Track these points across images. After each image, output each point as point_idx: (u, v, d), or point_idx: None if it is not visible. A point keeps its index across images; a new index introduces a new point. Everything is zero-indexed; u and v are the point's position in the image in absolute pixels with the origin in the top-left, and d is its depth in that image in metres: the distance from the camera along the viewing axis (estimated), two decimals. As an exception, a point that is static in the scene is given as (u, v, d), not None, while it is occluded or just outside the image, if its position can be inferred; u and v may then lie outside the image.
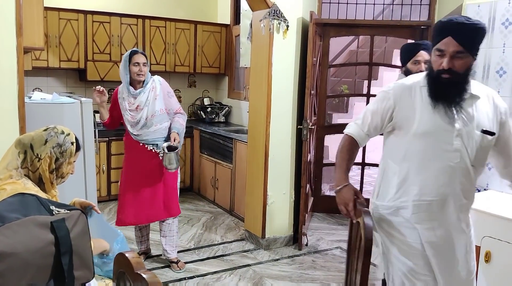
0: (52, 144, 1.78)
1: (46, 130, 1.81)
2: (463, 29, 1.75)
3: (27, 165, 1.74)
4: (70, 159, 1.85)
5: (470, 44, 1.76)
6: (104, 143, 5.02)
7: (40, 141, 1.77)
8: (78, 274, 1.57)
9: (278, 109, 3.87)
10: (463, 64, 1.77)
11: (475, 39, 1.77)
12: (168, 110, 3.43)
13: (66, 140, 1.82)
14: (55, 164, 1.79)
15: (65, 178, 1.89)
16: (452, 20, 1.77)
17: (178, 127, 3.43)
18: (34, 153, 1.75)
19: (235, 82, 5.98)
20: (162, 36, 5.53)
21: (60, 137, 1.81)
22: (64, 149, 1.81)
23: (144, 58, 3.35)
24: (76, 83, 5.43)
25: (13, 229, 1.44)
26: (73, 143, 1.85)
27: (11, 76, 2.63)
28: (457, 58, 1.75)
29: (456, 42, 1.74)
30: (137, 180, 3.44)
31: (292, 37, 3.86)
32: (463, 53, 1.75)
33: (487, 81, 2.82)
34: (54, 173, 1.80)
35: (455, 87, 1.80)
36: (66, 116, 3.31)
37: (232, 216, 4.88)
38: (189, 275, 3.46)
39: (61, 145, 1.80)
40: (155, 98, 3.38)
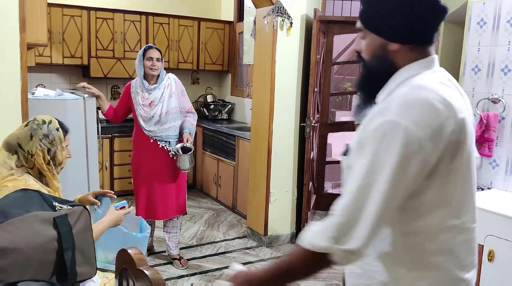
0: (39, 137, 1.77)
1: (27, 125, 1.80)
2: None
3: (23, 164, 1.74)
4: (62, 145, 1.84)
5: (365, 16, 1.19)
6: (107, 139, 5.02)
7: (26, 137, 1.76)
8: (80, 270, 1.57)
9: (281, 106, 3.86)
10: (365, 47, 1.20)
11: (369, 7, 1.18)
12: (180, 108, 3.45)
13: (51, 128, 1.82)
14: (48, 155, 1.79)
15: (63, 163, 1.88)
16: None
17: (190, 127, 3.44)
18: (25, 151, 1.75)
19: (238, 79, 5.97)
20: (166, 33, 5.52)
21: (44, 127, 1.80)
22: (52, 138, 1.81)
23: (158, 53, 3.37)
24: (79, 80, 5.42)
25: (16, 225, 1.44)
26: (58, 129, 1.84)
27: (14, 72, 2.63)
28: (361, 38, 1.22)
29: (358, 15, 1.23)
30: (149, 176, 3.45)
31: (295, 34, 3.84)
32: (362, 30, 1.20)
33: (492, 79, 2.80)
34: (51, 163, 1.80)
35: (359, 82, 1.26)
36: (69, 112, 3.31)
37: (235, 213, 4.88)
38: (191, 271, 3.46)
39: (47, 135, 1.79)
40: (170, 95, 3.39)
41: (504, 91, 2.75)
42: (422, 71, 1.15)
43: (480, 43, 2.85)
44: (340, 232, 1.05)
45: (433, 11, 1.13)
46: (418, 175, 1.05)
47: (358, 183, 1.05)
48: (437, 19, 1.14)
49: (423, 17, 1.12)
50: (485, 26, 2.82)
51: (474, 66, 2.89)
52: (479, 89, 2.87)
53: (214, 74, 6.28)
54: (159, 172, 3.44)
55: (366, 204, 1.03)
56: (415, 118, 1.03)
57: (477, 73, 2.88)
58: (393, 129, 1.03)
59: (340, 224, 1.05)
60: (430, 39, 1.16)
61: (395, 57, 1.16)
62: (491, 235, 2.44)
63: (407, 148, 1.02)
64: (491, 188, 2.87)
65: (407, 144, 1.02)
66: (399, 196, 1.05)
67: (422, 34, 1.15)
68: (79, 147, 3.34)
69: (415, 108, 1.04)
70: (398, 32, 1.14)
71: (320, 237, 1.06)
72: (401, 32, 1.14)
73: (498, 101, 2.76)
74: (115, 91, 5.66)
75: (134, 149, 3.58)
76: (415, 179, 1.05)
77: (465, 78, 2.94)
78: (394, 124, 1.03)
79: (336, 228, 1.05)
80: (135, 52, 5.34)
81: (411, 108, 1.04)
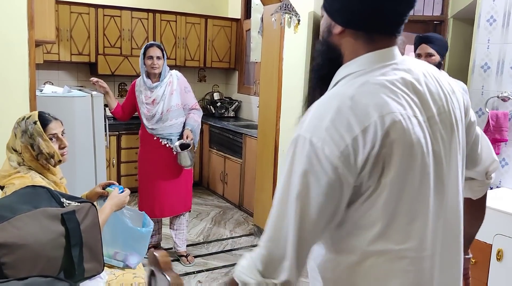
0: (19, 134, 1.81)
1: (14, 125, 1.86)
2: None
3: (22, 162, 1.77)
4: (43, 137, 1.81)
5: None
6: (114, 136, 5.04)
7: (12, 138, 1.82)
8: (88, 267, 1.58)
9: (288, 104, 3.85)
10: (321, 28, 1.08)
11: None
12: (184, 105, 3.44)
13: (28, 123, 1.83)
14: (33, 150, 1.80)
15: (57, 155, 1.84)
16: None
17: (192, 124, 3.43)
18: (15, 150, 1.79)
19: (245, 77, 5.96)
20: (173, 30, 5.52)
21: (22, 123, 1.83)
22: (31, 132, 1.81)
23: (159, 51, 3.35)
24: (87, 77, 5.44)
25: (24, 220, 1.45)
26: (36, 122, 1.83)
27: (22, 69, 2.64)
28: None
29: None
30: (153, 174, 3.47)
31: (303, 32, 3.83)
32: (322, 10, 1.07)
33: (501, 77, 2.77)
34: (40, 157, 1.81)
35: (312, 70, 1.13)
36: (77, 109, 3.32)
37: (241, 211, 4.88)
38: (197, 269, 3.47)
39: (26, 131, 1.81)
40: (171, 93, 3.38)
41: (514, 89, 2.72)
42: (366, 68, 0.97)
43: (490, 40, 2.82)
44: (266, 265, 0.94)
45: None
46: (334, 197, 0.91)
47: (274, 209, 0.95)
48: (388, 4, 0.94)
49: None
50: (495, 23, 2.79)
51: (484, 63, 2.87)
52: (489, 87, 2.84)
53: (221, 71, 6.27)
54: (164, 170, 3.45)
55: (285, 233, 0.92)
56: (326, 135, 0.89)
57: (486, 70, 2.86)
58: (300, 146, 0.91)
59: (264, 256, 0.94)
60: (383, 27, 0.97)
61: (341, 43, 1.00)
62: (499, 234, 2.41)
63: (313, 168, 0.89)
64: (500, 186, 2.84)
65: (313, 164, 0.89)
66: (316, 221, 0.91)
67: (369, 19, 0.95)
68: (87, 144, 3.35)
69: (325, 122, 0.90)
70: (340, 11, 0.97)
71: (248, 272, 0.95)
72: (343, 12, 0.96)
73: (508, 99, 2.74)
74: (122, 88, 5.68)
75: (140, 147, 3.61)
76: (332, 203, 0.91)
77: (474, 76, 2.91)
78: (303, 140, 0.91)
79: (261, 261, 0.94)
80: (143, 49, 5.36)
81: (321, 121, 0.90)
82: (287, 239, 0.92)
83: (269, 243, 0.95)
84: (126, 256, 2.19)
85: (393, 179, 0.92)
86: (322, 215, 0.91)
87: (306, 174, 0.89)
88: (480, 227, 1.35)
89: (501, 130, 2.74)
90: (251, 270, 0.95)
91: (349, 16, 0.96)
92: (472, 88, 2.92)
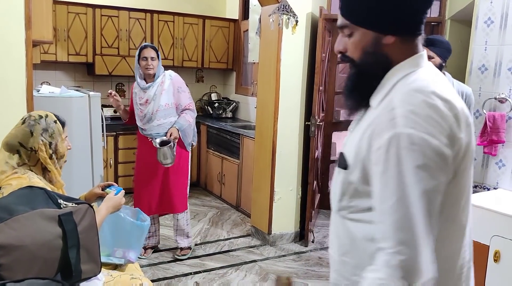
0: (39, 132, 1.77)
1: (24, 122, 1.80)
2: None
3: (25, 162, 1.74)
4: (61, 137, 1.85)
5: (350, 11, 1.10)
6: (111, 137, 5.02)
7: (26, 135, 1.76)
8: (85, 268, 1.57)
9: (286, 105, 3.85)
10: (353, 45, 1.12)
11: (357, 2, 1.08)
12: (177, 105, 3.44)
13: (48, 122, 1.82)
14: (50, 149, 1.79)
15: (65, 156, 1.89)
16: None
17: (182, 123, 3.43)
18: (27, 148, 1.75)
19: (243, 78, 5.96)
20: (171, 30, 5.52)
21: (41, 121, 1.80)
22: (52, 131, 1.81)
23: (153, 52, 3.36)
24: (84, 77, 5.44)
25: (21, 222, 1.44)
26: (56, 122, 1.84)
27: (19, 69, 2.64)
28: (346, 36, 1.14)
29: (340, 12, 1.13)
30: (146, 174, 3.51)
31: (301, 33, 3.83)
32: (348, 27, 1.11)
33: (499, 78, 2.78)
34: (54, 157, 1.80)
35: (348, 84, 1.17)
36: (74, 110, 3.31)
37: (239, 211, 4.88)
38: (195, 270, 3.46)
39: (47, 129, 1.80)
40: (161, 93, 3.39)
41: (511, 90, 2.73)
42: (416, 68, 1.08)
43: (487, 42, 2.83)
44: (408, 269, 0.94)
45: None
46: (444, 184, 0.99)
47: (395, 214, 0.96)
48: (425, 6, 1.07)
49: (413, 4, 1.05)
50: (492, 25, 2.80)
51: (481, 65, 2.87)
52: (486, 89, 2.85)
53: (219, 72, 6.27)
54: (156, 170, 3.47)
55: (417, 232, 0.94)
56: (427, 127, 0.96)
57: (483, 72, 2.86)
58: (406, 143, 0.96)
59: (403, 261, 0.95)
60: (420, 29, 1.09)
61: (390, 51, 1.08)
62: (497, 235, 2.42)
63: (428, 161, 0.95)
64: (497, 188, 2.85)
65: (427, 157, 0.95)
66: (439, 212, 0.99)
67: (413, 24, 1.07)
68: (84, 145, 3.34)
69: (423, 116, 0.97)
70: (392, 23, 1.05)
71: (393, 284, 0.95)
72: (394, 23, 1.06)
73: (505, 100, 2.75)
74: (120, 88, 5.67)
75: (137, 147, 3.68)
76: (443, 189, 0.99)
77: (472, 78, 2.92)
78: (406, 136, 0.96)
79: (401, 267, 0.95)
80: (140, 49, 5.35)
81: (419, 117, 0.97)
82: (420, 238, 0.94)
83: (402, 246, 0.95)
84: (125, 253, 2.20)
85: (468, 165, 1.05)
86: (439, 202, 0.98)
87: (423, 168, 0.94)
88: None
89: (498, 132, 2.75)
90: (394, 281, 0.95)
91: (400, 24, 1.06)
92: (469, 89, 2.93)
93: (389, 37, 1.06)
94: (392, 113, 0.99)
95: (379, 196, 1.00)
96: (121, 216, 2.16)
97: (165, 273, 3.38)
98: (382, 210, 0.99)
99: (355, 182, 1.09)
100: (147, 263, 3.51)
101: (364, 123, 1.08)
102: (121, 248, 2.19)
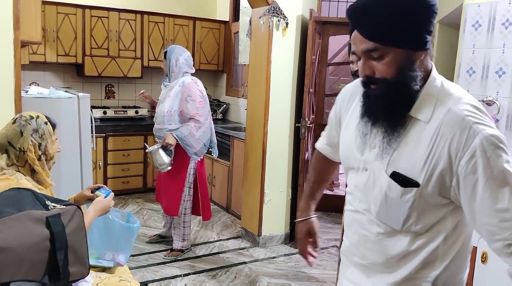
0: (29, 132, 1.76)
1: (14, 122, 1.78)
2: (362, 13, 1.12)
3: (13, 162, 1.73)
4: (52, 138, 1.84)
5: (379, 34, 1.10)
6: (101, 138, 4.99)
7: (16, 135, 1.75)
8: (73, 270, 1.56)
9: (276, 106, 3.86)
10: (386, 65, 1.12)
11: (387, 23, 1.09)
12: (183, 113, 3.50)
13: (39, 123, 1.81)
14: (39, 150, 1.78)
15: (54, 158, 1.88)
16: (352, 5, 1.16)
17: (182, 131, 3.46)
18: (16, 148, 1.73)
19: (233, 79, 5.96)
20: (161, 32, 5.50)
21: (32, 122, 1.79)
22: (42, 132, 1.80)
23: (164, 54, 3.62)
24: (74, 78, 5.40)
25: (8, 224, 1.42)
26: (46, 123, 1.84)
27: (7, 70, 2.61)
28: (373, 59, 1.13)
29: (361, 36, 1.13)
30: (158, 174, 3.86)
31: (291, 35, 3.84)
32: (378, 50, 1.11)
33: (486, 81, 2.81)
34: (43, 158, 1.79)
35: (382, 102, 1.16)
36: (63, 111, 3.29)
37: (229, 213, 4.87)
38: (184, 272, 3.45)
39: (37, 130, 1.79)
40: (165, 98, 3.52)
41: (498, 93, 2.76)
42: (439, 77, 1.20)
43: (475, 45, 2.86)
44: None
45: (434, 13, 1.13)
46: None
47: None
48: (433, 20, 1.15)
49: (430, 20, 1.12)
50: (480, 29, 2.83)
51: (469, 68, 2.90)
52: (474, 91, 2.88)
53: (209, 73, 6.26)
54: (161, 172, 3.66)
55: None
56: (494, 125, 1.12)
57: (471, 75, 2.89)
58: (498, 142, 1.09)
59: None
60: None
61: (420, 65, 1.15)
62: (484, 236, 2.44)
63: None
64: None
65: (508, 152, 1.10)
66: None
67: (430, 37, 1.15)
68: (73, 146, 3.32)
69: (488, 117, 1.13)
70: (421, 39, 1.12)
71: None
72: (422, 39, 1.13)
73: (493, 103, 2.77)
74: (109, 89, 5.64)
75: None
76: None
77: (460, 80, 2.95)
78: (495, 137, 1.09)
79: None
80: (130, 51, 5.33)
81: (487, 117, 1.12)
82: None
83: None
84: (114, 255, 2.18)
85: None
86: None
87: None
88: None
89: (486, 134, 2.78)
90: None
91: (426, 39, 1.13)
92: (457, 92, 2.96)
93: (419, 53, 1.14)
94: (465, 122, 1.09)
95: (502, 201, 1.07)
96: (110, 218, 2.15)
97: (154, 275, 3.36)
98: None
99: (430, 196, 1.14)
100: (136, 266, 3.49)
101: (422, 137, 1.13)
102: (110, 250, 2.18)
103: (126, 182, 5.24)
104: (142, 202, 5.07)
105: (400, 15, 1.08)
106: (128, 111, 5.41)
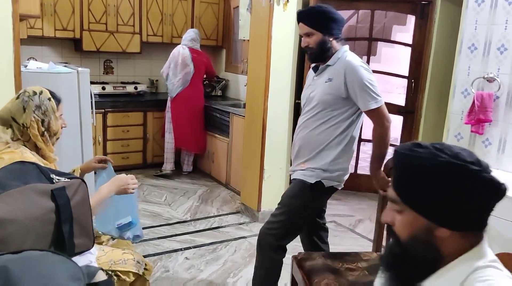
0: (32, 108, 1.76)
1: (18, 97, 1.78)
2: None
3: (18, 137, 1.74)
4: (55, 115, 1.83)
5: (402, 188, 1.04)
6: (100, 114, 4.98)
7: (19, 110, 1.75)
8: (78, 242, 1.58)
9: (276, 83, 3.84)
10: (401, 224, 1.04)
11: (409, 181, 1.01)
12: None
13: (42, 99, 1.80)
14: (43, 126, 1.78)
15: (59, 133, 1.88)
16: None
17: None
18: (19, 123, 1.74)
19: (233, 55, 5.91)
20: (159, 6, 5.43)
21: (35, 98, 1.79)
22: (45, 108, 1.80)
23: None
24: (72, 53, 5.35)
25: (14, 196, 1.44)
26: (50, 99, 1.83)
27: (6, 44, 2.59)
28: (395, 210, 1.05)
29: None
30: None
31: (292, 10, 3.80)
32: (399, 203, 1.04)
33: (488, 58, 2.80)
34: (46, 134, 1.80)
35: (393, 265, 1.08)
36: (63, 86, 3.27)
37: (228, 189, 4.91)
38: (185, 245, 3.50)
39: (40, 106, 1.78)
40: None
41: (499, 70, 2.76)
42: (475, 263, 0.95)
43: (478, 21, 2.84)
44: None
45: (488, 193, 0.95)
46: None
47: None
48: (492, 200, 0.95)
49: (477, 199, 0.93)
50: (483, 4, 2.81)
51: (471, 44, 2.89)
52: (475, 68, 2.87)
53: (208, 49, 6.19)
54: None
55: None
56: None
57: (473, 51, 2.88)
58: None
59: None
60: (484, 223, 0.98)
61: (443, 245, 0.96)
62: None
63: None
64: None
65: None
66: None
67: (475, 219, 0.96)
68: (73, 121, 3.32)
69: None
70: (448, 216, 0.93)
71: None
72: (451, 217, 0.93)
73: (493, 80, 2.77)
74: (108, 65, 5.59)
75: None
76: None
77: (461, 57, 2.94)
78: None
79: None
80: (128, 25, 5.27)
81: None
82: None
83: None
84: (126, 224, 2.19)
85: None
86: None
87: None
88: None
89: (485, 111, 2.78)
90: None
91: (460, 220, 0.94)
92: (458, 68, 2.95)
93: (443, 230, 0.95)
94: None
95: None
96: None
97: (155, 249, 3.41)
98: None
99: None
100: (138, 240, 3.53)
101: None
102: (123, 219, 2.18)
103: (126, 158, 5.26)
104: (142, 177, 5.10)
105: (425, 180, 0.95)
106: (127, 87, 5.38)
